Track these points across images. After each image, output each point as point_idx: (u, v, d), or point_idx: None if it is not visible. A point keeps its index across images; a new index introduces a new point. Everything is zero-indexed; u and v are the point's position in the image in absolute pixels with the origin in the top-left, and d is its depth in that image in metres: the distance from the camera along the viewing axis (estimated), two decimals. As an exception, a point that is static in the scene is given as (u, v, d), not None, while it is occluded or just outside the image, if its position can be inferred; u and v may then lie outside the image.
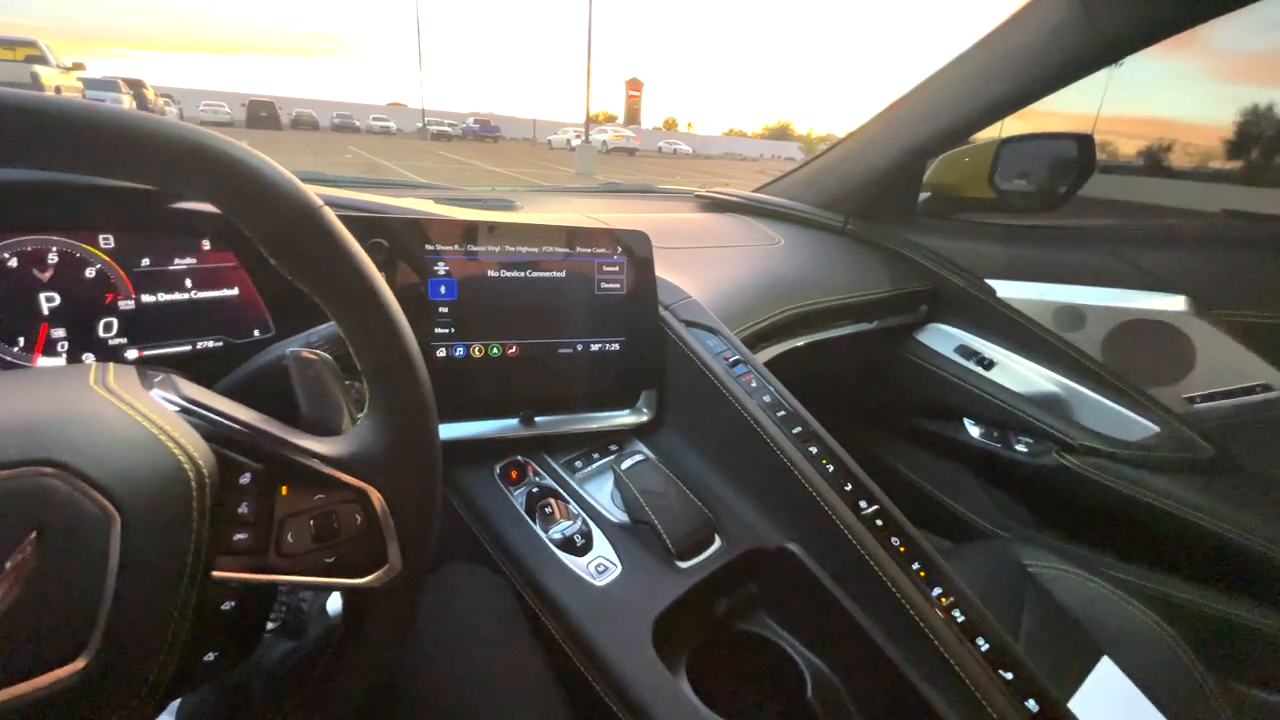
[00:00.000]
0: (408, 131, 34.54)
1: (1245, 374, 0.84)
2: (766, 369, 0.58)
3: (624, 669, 0.41)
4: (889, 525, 0.47)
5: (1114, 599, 0.80)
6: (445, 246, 0.54)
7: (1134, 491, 0.86)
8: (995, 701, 0.39)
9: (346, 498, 0.32)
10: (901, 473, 1.13)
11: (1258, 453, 0.84)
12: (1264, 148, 3.98)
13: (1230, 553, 0.81)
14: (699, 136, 61.35)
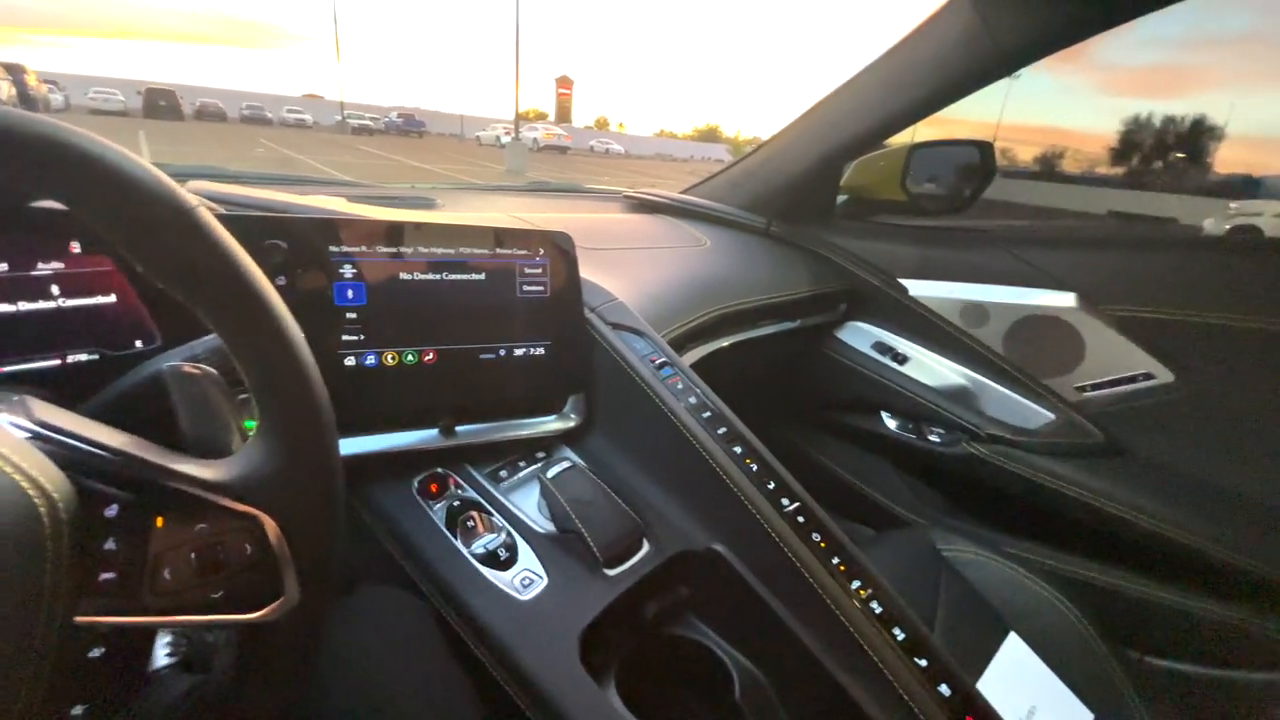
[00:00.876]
0: (325, 125, 32.80)
1: (1128, 364, 0.91)
2: (693, 371, 0.59)
3: (550, 686, 0.40)
4: (810, 521, 0.48)
5: (1019, 578, 0.85)
6: (352, 248, 0.51)
7: (1034, 476, 0.92)
8: (910, 688, 0.40)
9: (233, 526, 0.29)
10: (825, 465, 1.17)
11: (1140, 437, 0.92)
12: (1143, 154, 4.35)
13: (1120, 530, 0.88)
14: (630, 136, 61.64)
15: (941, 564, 0.86)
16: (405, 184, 1.16)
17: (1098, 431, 0.92)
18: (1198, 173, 4.38)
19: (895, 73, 0.92)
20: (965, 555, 0.87)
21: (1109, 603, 0.90)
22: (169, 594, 0.28)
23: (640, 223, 1.06)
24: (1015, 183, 2.93)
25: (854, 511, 1.14)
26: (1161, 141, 4.46)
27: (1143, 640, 0.89)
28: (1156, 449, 0.91)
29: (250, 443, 0.31)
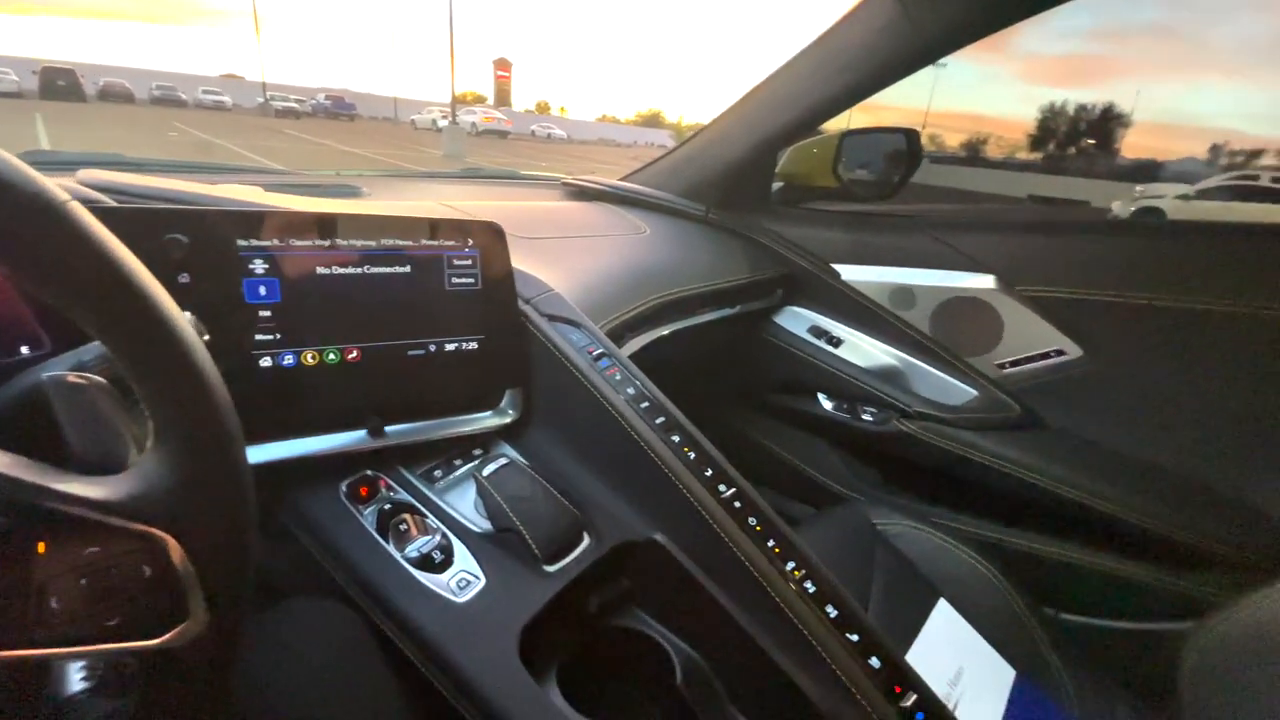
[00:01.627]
0: (246, 107, 30.78)
1: (1042, 341, 0.97)
2: (630, 361, 0.58)
3: (489, 688, 0.40)
4: (746, 506, 0.49)
5: (947, 547, 0.90)
6: (263, 241, 0.48)
7: (959, 449, 0.97)
8: (842, 663, 0.41)
9: (128, 547, 0.27)
10: (767, 447, 1.20)
11: (1054, 409, 0.98)
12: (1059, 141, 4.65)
13: (1037, 497, 0.94)
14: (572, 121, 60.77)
15: (876, 537, 0.90)
16: (330, 171, 1.11)
17: (1016, 406, 0.98)
18: (1108, 158, 4.69)
19: (825, 60, 0.93)
20: (898, 527, 0.91)
21: (1028, 565, 0.96)
22: (59, 624, 0.26)
23: (579, 210, 1.04)
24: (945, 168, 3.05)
25: (795, 490, 1.18)
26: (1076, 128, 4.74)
27: (1059, 599, 0.96)
28: (1068, 420, 0.97)
29: (144, 457, 0.29)
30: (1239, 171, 8.45)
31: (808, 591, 0.45)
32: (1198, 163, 11.19)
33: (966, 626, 0.83)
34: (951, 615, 0.83)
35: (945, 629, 0.81)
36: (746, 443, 1.23)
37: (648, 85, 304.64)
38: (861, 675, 0.41)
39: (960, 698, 0.73)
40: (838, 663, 0.41)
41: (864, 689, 0.40)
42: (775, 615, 0.44)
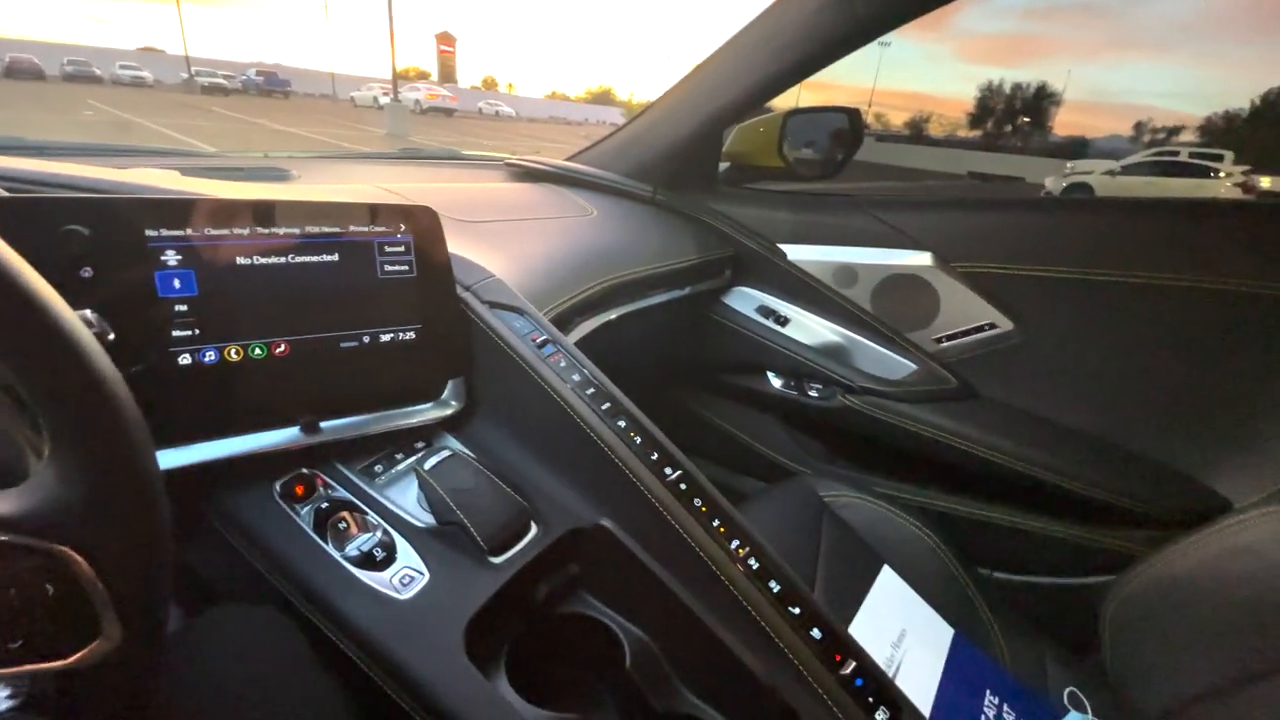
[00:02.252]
0: (170, 83, 28.74)
1: (975, 316, 1.01)
2: (575, 348, 0.58)
3: (436, 686, 0.39)
4: (691, 488, 0.50)
5: (889, 516, 0.94)
6: (174, 231, 0.45)
7: (900, 422, 1.01)
8: (784, 636, 0.43)
9: (28, 565, 0.26)
10: (719, 425, 1.22)
11: (987, 381, 1.03)
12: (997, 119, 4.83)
13: (973, 465, 0.98)
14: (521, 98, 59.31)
15: (823, 508, 0.92)
16: (258, 153, 1.05)
17: (952, 378, 1.02)
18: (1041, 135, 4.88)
19: (767, 37, 0.93)
20: (843, 499, 0.94)
21: (964, 529, 1.01)
22: None
23: (523, 192, 1.02)
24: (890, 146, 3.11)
25: (746, 466, 1.20)
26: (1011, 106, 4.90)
27: (992, 559, 1.02)
28: (1000, 390, 1.02)
29: (41, 468, 0.27)
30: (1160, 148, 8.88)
31: (752, 569, 0.46)
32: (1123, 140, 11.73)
33: (908, 590, 0.87)
34: (894, 580, 0.87)
35: (889, 594, 0.85)
36: (699, 422, 1.24)
37: (598, 62, 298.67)
38: (803, 647, 0.42)
39: (903, 657, 0.77)
40: (781, 636, 0.43)
41: (805, 660, 0.42)
42: (721, 593, 0.45)
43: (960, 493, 1.04)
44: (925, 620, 0.84)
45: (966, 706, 0.75)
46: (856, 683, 0.42)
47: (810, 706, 0.40)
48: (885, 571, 0.87)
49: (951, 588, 0.90)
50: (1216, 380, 0.90)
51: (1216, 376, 0.90)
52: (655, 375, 1.22)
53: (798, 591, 0.45)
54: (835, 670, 0.42)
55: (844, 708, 0.40)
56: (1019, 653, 0.85)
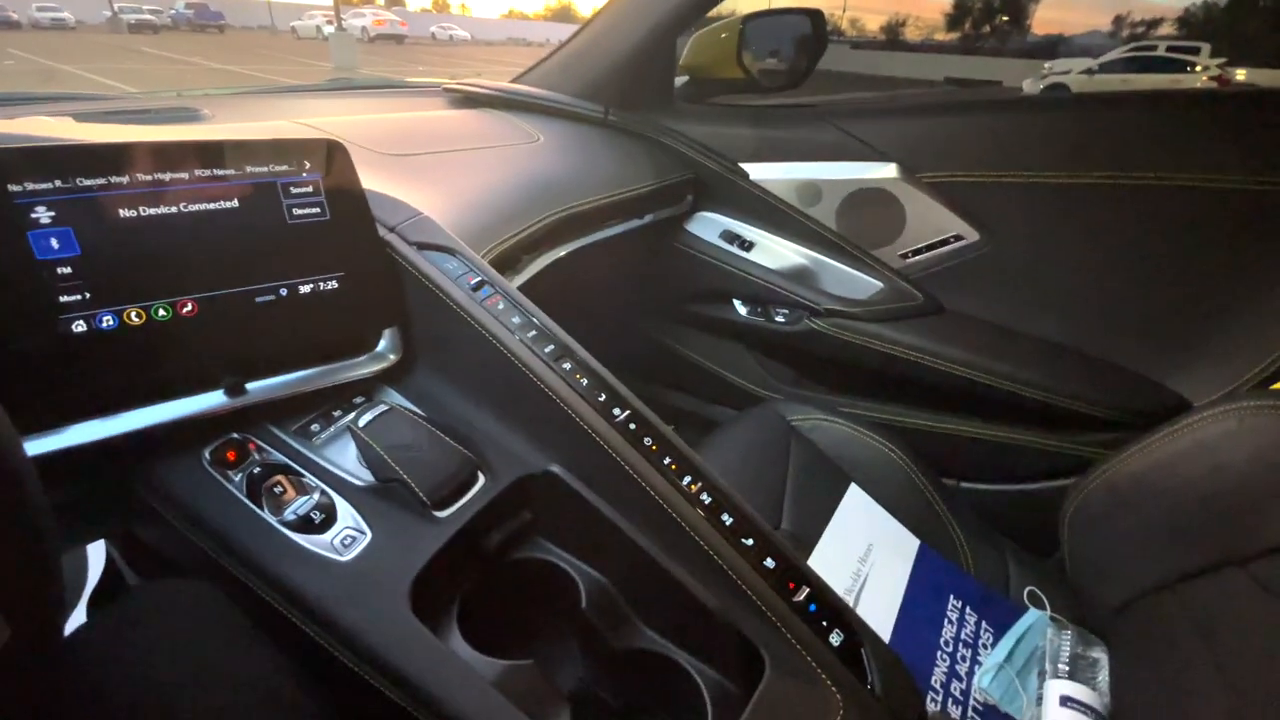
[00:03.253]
0: (93, 23, 26.37)
1: (942, 228, 0.98)
2: (514, 289, 0.54)
3: (383, 645, 0.38)
4: (641, 427, 0.48)
5: (856, 434, 0.94)
6: (42, 184, 0.40)
7: (866, 342, 1.00)
8: (737, 568, 0.42)
9: None
10: (687, 356, 1.20)
11: (954, 295, 1.01)
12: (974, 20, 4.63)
13: (938, 380, 0.98)
14: (476, 20, 55.62)
15: (791, 432, 0.92)
16: (170, 91, 0.96)
17: (919, 294, 1.00)
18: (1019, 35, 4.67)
19: None
20: (810, 421, 0.94)
21: (929, 443, 1.02)
22: None
23: (463, 120, 0.95)
24: (865, 54, 2.94)
25: (715, 394, 1.20)
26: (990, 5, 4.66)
27: (957, 470, 1.04)
28: (965, 303, 1.01)
29: None
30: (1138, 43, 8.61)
31: (705, 503, 0.45)
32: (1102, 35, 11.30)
33: (875, 506, 0.88)
34: (861, 497, 0.88)
35: (856, 511, 0.86)
36: (668, 354, 1.22)
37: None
38: (755, 577, 0.42)
39: (870, 570, 0.79)
40: (734, 569, 0.42)
41: (758, 590, 0.42)
42: (674, 531, 0.44)
43: (927, 408, 1.04)
44: (892, 534, 0.86)
45: (930, 612, 0.77)
46: (810, 608, 0.42)
47: (765, 635, 0.41)
48: (852, 489, 0.89)
49: (918, 500, 0.91)
50: (1176, 280, 0.89)
51: (1176, 276, 0.89)
52: (619, 311, 1.19)
53: (751, 523, 0.45)
54: (789, 598, 0.42)
55: (798, 634, 0.40)
56: (983, 558, 0.88)
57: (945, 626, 0.76)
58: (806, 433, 0.93)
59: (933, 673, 0.70)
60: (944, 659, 0.72)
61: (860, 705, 0.38)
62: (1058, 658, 0.75)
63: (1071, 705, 0.67)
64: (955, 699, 0.69)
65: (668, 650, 0.43)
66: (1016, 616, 0.79)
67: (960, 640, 0.75)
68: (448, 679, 0.37)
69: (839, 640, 0.41)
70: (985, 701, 0.70)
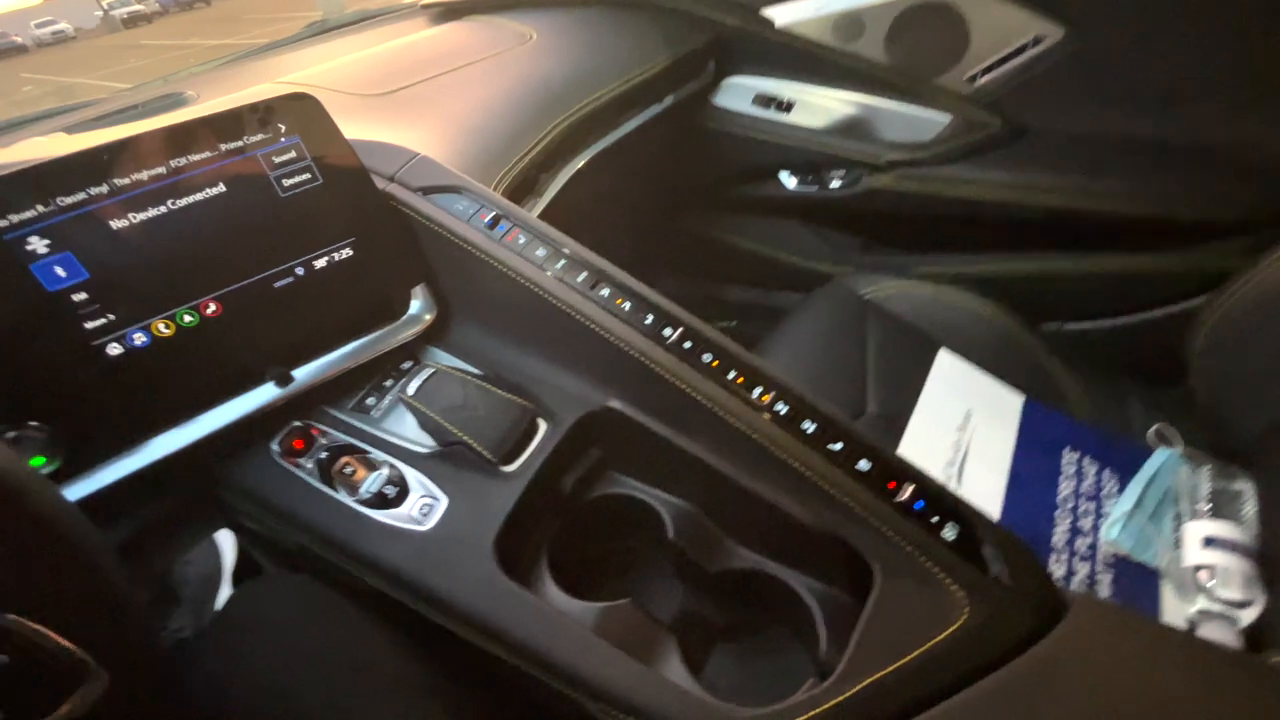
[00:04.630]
0: (91, 28, 26.36)
1: (1016, 33, 0.82)
2: (534, 218, 0.49)
3: (480, 606, 0.38)
4: (697, 344, 0.43)
5: (939, 294, 0.86)
6: (28, 213, 0.38)
7: (939, 189, 0.88)
8: (829, 476, 0.39)
9: None
10: (738, 244, 1.12)
11: (1036, 110, 0.86)
12: None
13: (1023, 215, 0.87)
14: (452, -79, 51.03)
15: (865, 307, 0.85)
16: (156, 80, 0.92)
17: (994, 119, 0.86)
18: None
19: None
20: (885, 290, 0.86)
21: (1025, 289, 0.92)
22: None
23: (447, 36, 0.86)
24: None
25: (778, 281, 1.12)
26: None
27: (1059, 312, 0.94)
28: (1051, 118, 0.86)
29: None
30: None
31: (780, 414, 0.41)
32: None
33: (969, 368, 0.81)
34: (952, 362, 0.81)
35: (948, 377, 0.80)
36: (715, 246, 1.14)
37: None
38: (851, 483, 0.38)
39: (971, 439, 0.74)
40: (825, 478, 0.39)
41: (856, 496, 0.38)
42: (752, 448, 0.40)
43: (1017, 250, 0.93)
44: (992, 395, 0.79)
45: (1044, 470, 0.72)
46: (916, 506, 0.38)
47: (871, 543, 0.37)
48: (941, 355, 0.82)
49: (1017, 353, 0.83)
50: None
51: None
52: (656, 211, 1.11)
53: (836, 425, 0.40)
54: (890, 499, 0.38)
55: (907, 536, 0.37)
56: (1098, 403, 0.80)
57: (1062, 483, 0.71)
58: (882, 304, 0.86)
59: (1052, 533, 0.66)
60: (1064, 517, 0.68)
61: (987, 599, 0.35)
62: (1196, 496, 0.68)
63: (1217, 546, 0.62)
64: (1080, 556, 0.65)
65: (767, 567, 0.41)
66: (1143, 459, 0.73)
67: (1080, 494, 0.70)
68: (548, 631, 0.37)
69: (953, 534, 0.37)
70: (1115, 554, 0.65)
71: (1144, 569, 0.64)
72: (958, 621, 0.34)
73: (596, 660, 0.36)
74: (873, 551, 0.37)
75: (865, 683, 0.33)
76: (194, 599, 0.85)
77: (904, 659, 0.33)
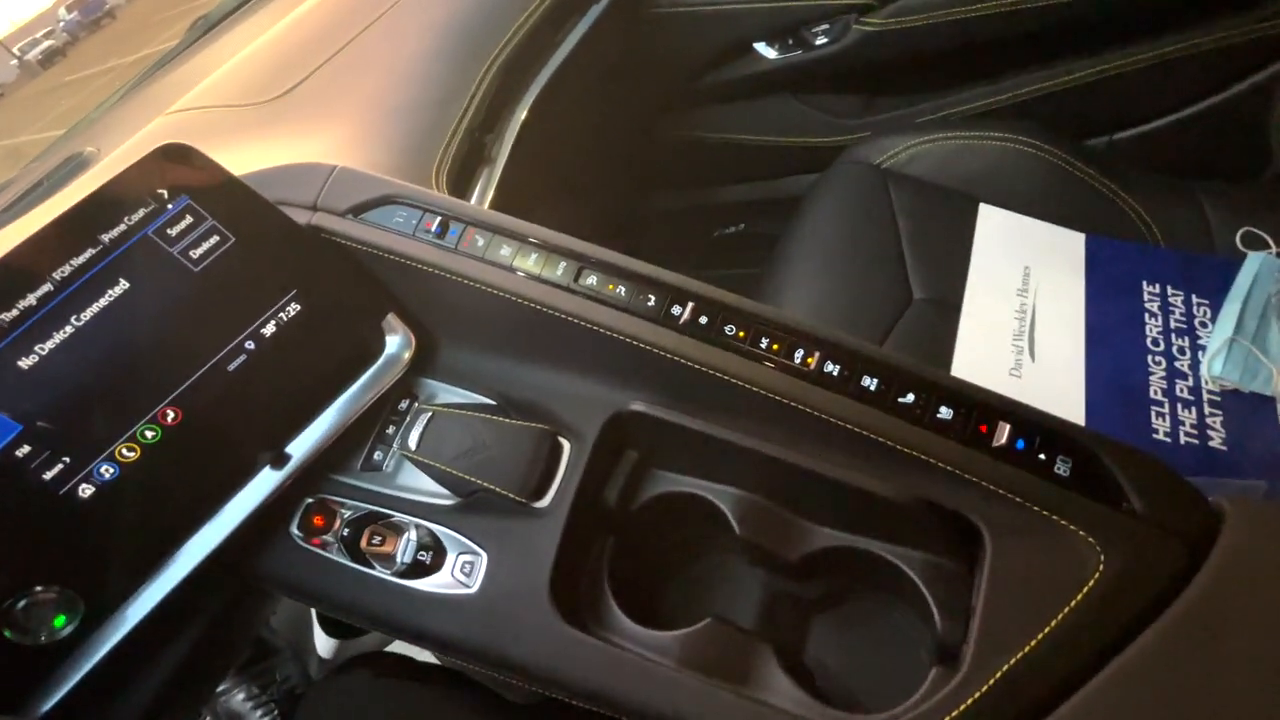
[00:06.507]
0: (13, 80, 25.26)
1: None
2: (485, 212, 0.42)
3: (552, 664, 0.35)
4: (716, 318, 0.36)
5: (963, 140, 0.75)
6: None
7: (941, 15, 0.74)
8: (908, 437, 0.33)
9: None
10: (732, 140, 0.99)
11: None
12: None
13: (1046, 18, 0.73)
14: None
15: (885, 177, 0.75)
16: (58, 131, 0.84)
17: None
18: None
19: None
20: (902, 154, 0.76)
21: (1058, 107, 0.80)
22: None
23: (334, 3, 0.74)
24: None
25: (786, 166, 1.00)
26: None
27: (1097, 125, 0.81)
28: None
29: None
30: None
31: (832, 375, 0.34)
32: None
33: (1016, 218, 0.72)
34: (996, 216, 0.72)
35: (996, 235, 0.71)
36: (703, 148, 1.02)
37: None
38: (936, 439, 0.32)
39: (1036, 299, 0.66)
40: (903, 441, 0.32)
41: (944, 453, 0.32)
42: (810, 423, 0.34)
43: (1041, 64, 0.80)
44: (1048, 241, 0.70)
45: (1124, 313, 0.64)
46: (1018, 445, 0.32)
47: (973, 501, 0.32)
48: (983, 211, 0.72)
49: (1066, 183, 0.73)
50: None
51: None
52: (630, 131, 0.99)
53: (903, 373, 0.34)
54: (986, 445, 0.32)
55: (1013, 486, 0.31)
56: (1169, 217, 0.71)
57: (1148, 322, 0.63)
58: (903, 169, 0.75)
59: (1149, 385, 0.59)
60: (1158, 362, 0.61)
61: (1124, 538, 0.30)
62: (1304, 300, 0.60)
63: (1342, 354, 0.54)
64: (1184, 402, 0.58)
65: (856, 543, 0.36)
66: (1233, 273, 0.64)
67: (1170, 331, 0.63)
68: (629, 677, 0.34)
69: (1066, 468, 0.31)
70: (1222, 389, 0.59)
71: (1258, 399, 0.57)
72: (1095, 573, 0.29)
73: (687, 699, 0.32)
74: (976, 510, 0.32)
75: (1005, 668, 0.28)
76: (290, 645, 0.87)
77: (1043, 632, 0.29)
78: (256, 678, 0.79)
